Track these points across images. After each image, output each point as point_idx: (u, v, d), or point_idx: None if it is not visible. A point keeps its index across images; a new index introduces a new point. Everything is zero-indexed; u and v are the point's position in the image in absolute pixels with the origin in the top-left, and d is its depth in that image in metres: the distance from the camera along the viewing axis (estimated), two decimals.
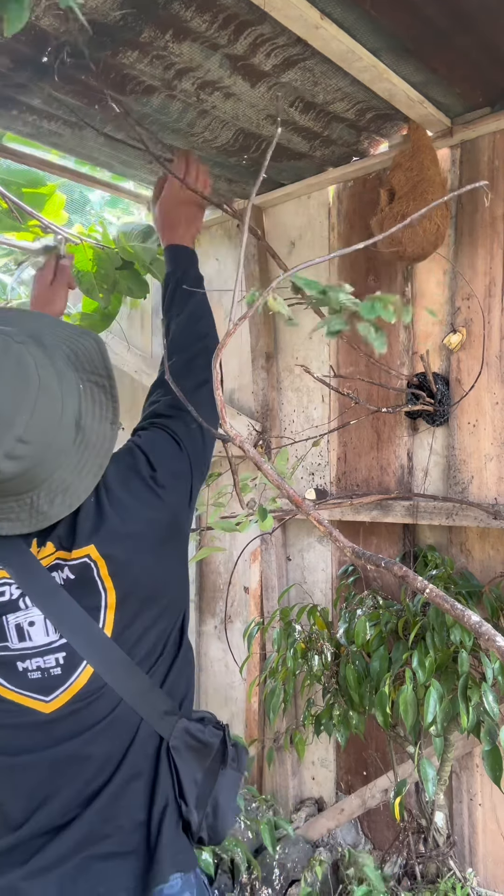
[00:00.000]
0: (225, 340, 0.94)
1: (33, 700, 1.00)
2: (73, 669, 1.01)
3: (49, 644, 1.00)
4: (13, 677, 1.00)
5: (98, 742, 1.03)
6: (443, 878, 2.01)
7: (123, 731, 1.05)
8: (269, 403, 2.52)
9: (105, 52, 1.56)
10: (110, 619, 1.01)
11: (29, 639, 1.00)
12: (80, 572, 1.00)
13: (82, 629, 1.00)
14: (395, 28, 1.50)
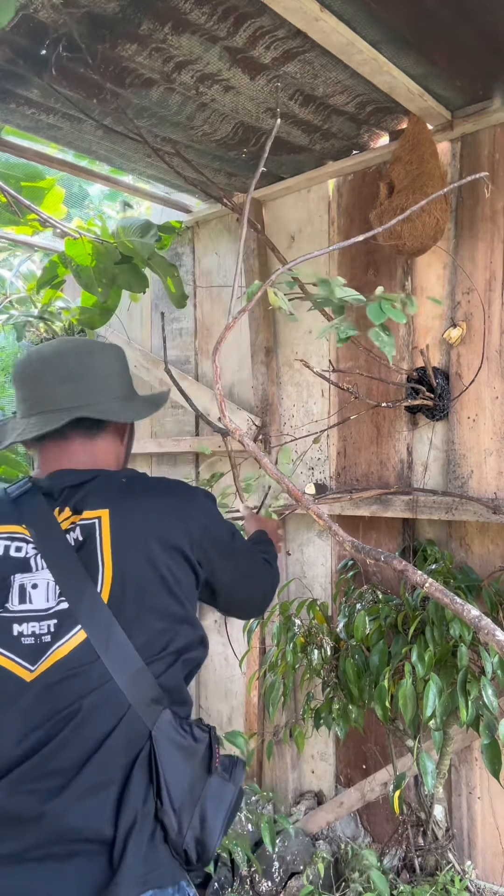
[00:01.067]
0: (224, 334, 0.93)
1: (19, 666, 1.00)
2: (64, 634, 1.01)
3: (47, 609, 1.02)
4: (6, 641, 1.01)
5: (77, 722, 0.99)
6: (442, 870, 2.02)
7: (107, 715, 1.01)
8: (268, 398, 2.52)
9: (104, 44, 1.55)
10: (107, 587, 1.04)
11: (29, 601, 1.03)
12: (87, 533, 1.06)
13: (83, 591, 1.03)
14: (395, 20, 1.50)
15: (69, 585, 1.03)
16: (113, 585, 1.04)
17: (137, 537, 1.08)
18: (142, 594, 1.06)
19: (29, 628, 1.02)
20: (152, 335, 3.06)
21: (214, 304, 2.77)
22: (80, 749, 0.98)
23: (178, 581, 1.10)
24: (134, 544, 1.07)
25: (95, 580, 1.04)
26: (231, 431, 0.89)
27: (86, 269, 1.84)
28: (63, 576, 1.04)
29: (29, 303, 2.99)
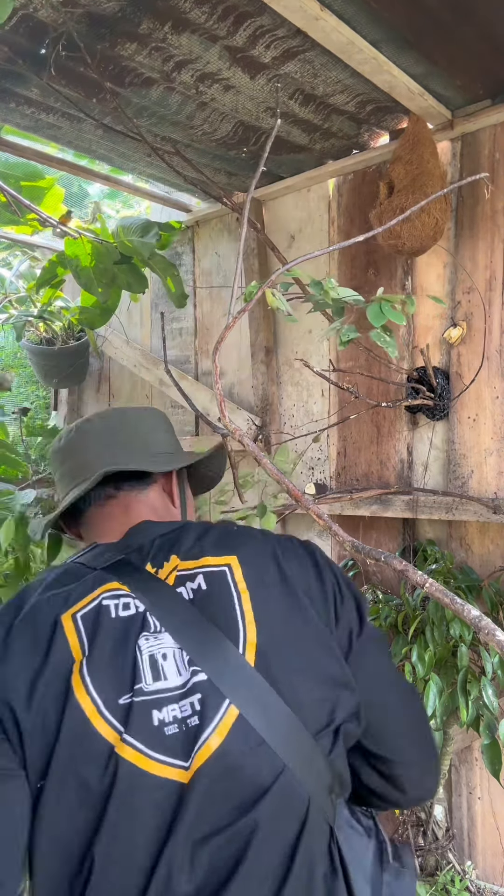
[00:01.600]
0: (224, 334, 0.93)
1: (171, 768, 0.74)
2: (213, 714, 0.76)
3: (184, 685, 0.78)
4: (150, 736, 0.74)
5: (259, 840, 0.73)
6: (442, 870, 2.02)
7: (290, 820, 0.75)
8: (268, 398, 2.52)
9: (103, 43, 1.55)
10: (251, 647, 0.80)
11: (164, 677, 0.78)
12: (214, 583, 0.85)
13: (222, 655, 0.79)
14: (395, 19, 1.49)
15: (200, 647, 0.80)
16: (259, 645, 0.80)
17: (279, 586, 0.87)
18: (295, 654, 0.83)
19: (170, 714, 0.76)
20: (152, 335, 3.06)
21: (214, 303, 2.77)
22: (270, 877, 0.73)
23: (333, 635, 0.87)
24: (278, 594, 0.86)
25: (235, 640, 0.80)
26: (231, 431, 0.89)
27: (85, 269, 1.83)
28: (189, 636, 0.80)
29: (29, 302, 2.99)
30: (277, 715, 0.78)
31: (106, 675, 0.77)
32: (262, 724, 0.77)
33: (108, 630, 0.80)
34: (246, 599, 0.84)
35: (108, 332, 3.12)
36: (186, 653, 0.79)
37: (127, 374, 3.16)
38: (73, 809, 0.73)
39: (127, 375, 3.17)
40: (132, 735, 0.74)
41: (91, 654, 0.78)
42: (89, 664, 0.77)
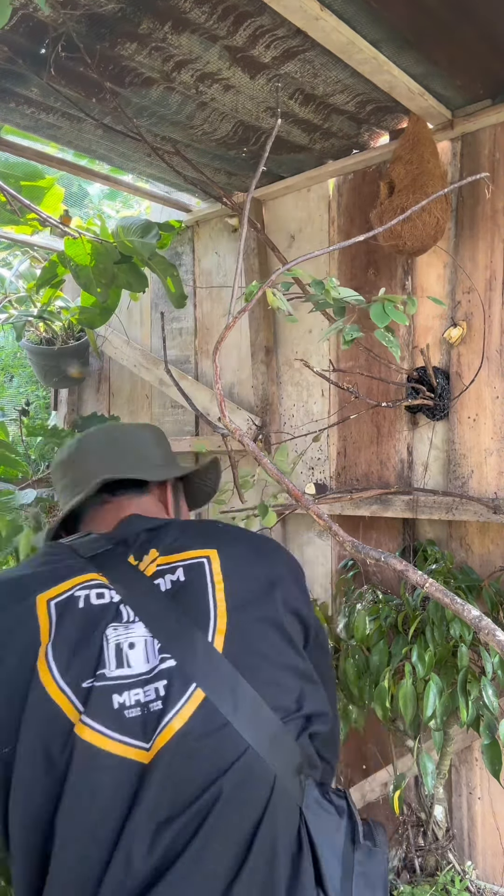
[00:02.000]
0: (224, 334, 0.93)
1: (130, 748, 0.78)
2: (178, 698, 0.80)
3: (150, 671, 0.82)
4: (110, 718, 0.79)
5: (219, 810, 0.76)
6: (442, 870, 2.02)
7: (254, 795, 0.79)
8: (268, 398, 2.52)
9: (103, 43, 1.55)
10: (220, 634, 0.86)
11: (127, 665, 0.82)
12: (191, 574, 0.90)
13: (191, 641, 0.84)
14: (395, 19, 1.49)
15: (171, 636, 0.84)
16: (228, 633, 0.86)
17: (255, 580, 0.93)
18: (263, 643, 0.88)
19: (132, 697, 0.80)
20: (152, 335, 3.06)
21: (214, 303, 2.77)
22: (230, 854, 0.76)
23: (297, 635, 0.95)
24: (251, 587, 0.92)
25: (205, 628, 0.85)
26: (231, 431, 0.89)
27: (85, 268, 1.84)
28: (161, 626, 0.85)
29: (28, 302, 2.99)
30: (243, 698, 0.82)
31: (70, 661, 0.81)
32: (228, 706, 0.81)
33: (75, 618, 0.85)
34: (220, 590, 0.89)
35: (108, 332, 3.12)
36: (158, 641, 0.84)
37: (127, 373, 3.16)
38: (40, 780, 0.77)
39: (127, 375, 3.17)
40: (91, 716, 0.78)
41: (56, 639, 0.82)
42: (54, 649, 0.82)
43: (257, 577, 0.94)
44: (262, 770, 0.80)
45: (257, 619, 0.90)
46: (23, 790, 0.77)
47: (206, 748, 0.79)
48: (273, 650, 0.89)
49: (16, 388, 4.60)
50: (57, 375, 3.09)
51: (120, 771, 0.77)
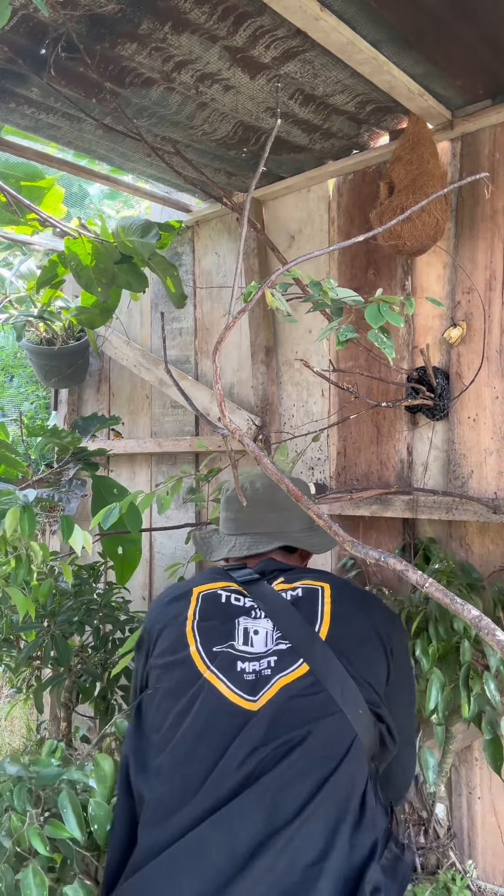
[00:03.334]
0: (224, 334, 0.93)
1: (242, 699, 1.10)
2: (286, 667, 1.12)
3: (266, 651, 1.16)
4: (231, 675, 1.13)
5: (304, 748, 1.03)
6: (443, 869, 2.02)
7: (335, 745, 1.06)
8: (268, 398, 2.52)
9: (103, 43, 1.55)
10: (325, 628, 1.18)
11: (251, 644, 1.17)
12: (308, 593, 1.25)
13: (303, 631, 1.17)
14: (395, 19, 1.49)
15: (289, 627, 1.17)
16: (331, 629, 1.17)
17: (354, 608, 1.25)
18: (353, 650, 1.17)
19: (250, 667, 1.14)
20: (152, 335, 3.06)
21: (214, 303, 2.77)
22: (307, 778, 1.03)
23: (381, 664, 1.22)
24: (352, 612, 1.23)
25: (313, 623, 1.19)
26: (231, 431, 0.89)
27: (85, 268, 1.84)
28: (283, 621, 1.18)
29: (28, 302, 2.99)
30: (338, 675, 1.11)
31: (208, 633, 1.20)
32: (325, 677, 1.10)
33: (215, 606, 1.25)
34: (328, 604, 1.22)
35: (108, 332, 3.13)
36: (277, 630, 1.17)
37: (127, 374, 3.16)
38: (176, 690, 1.15)
39: (127, 375, 3.17)
40: (217, 669, 1.14)
41: (199, 618, 1.23)
42: (198, 624, 1.22)
43: (357, 607, 1.25)
44: (346, 730, 1.07)
45: (352, 630, 1.20)
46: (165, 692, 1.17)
47: (303, 703, 1.08)
48: (362, 655, 1.17)
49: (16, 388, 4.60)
50: (57, 375, 3.09)
51: (232, 714, 1.08)
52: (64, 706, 2.28)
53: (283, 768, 1.02)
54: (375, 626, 1.24)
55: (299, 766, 1.03)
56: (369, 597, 1.36)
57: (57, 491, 2.47)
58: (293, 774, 1.02)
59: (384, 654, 1.22)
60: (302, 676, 1.11)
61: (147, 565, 3.03)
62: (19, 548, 1.73)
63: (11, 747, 3.28)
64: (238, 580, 1.31)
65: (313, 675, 1.11)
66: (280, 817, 0.99)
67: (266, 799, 1.00)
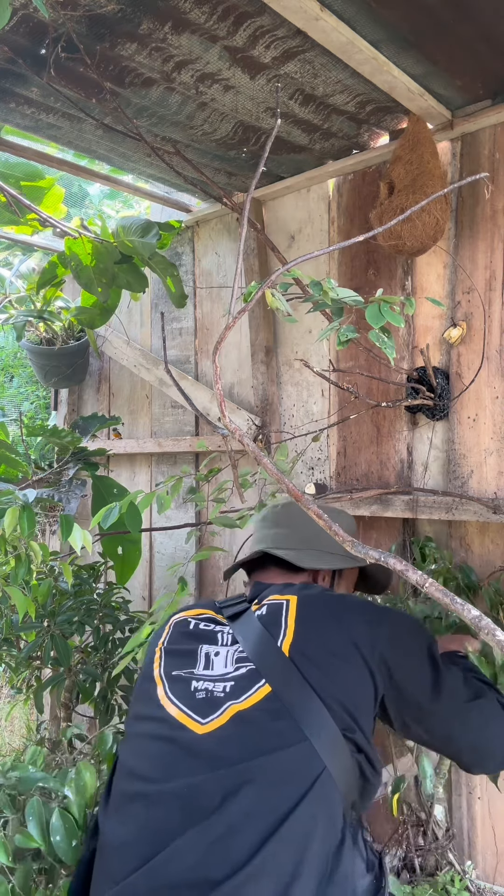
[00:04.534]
0: (224, 334, 0.93)
1: (191, 720, 1.03)
2: (243, 692, 1.04)
3: (224, 674, 1.10)
4: (183, 695, 1.08)
5: (258, 781, 0.91)
6: (442, 870, 2.02)
7: (295, 778, 0.93)
8: (268, 398, 2.52)
9: (103, 43, 1.55)
10: (287, 641, 1.09)
11: (211, 668, 1.12)
12: (273, 608, 1.18)
13: (265, 646, 1.09)
14: (395, 19, 1.49)
15: (253, 645, 1.11)
16: (294, 643, 1.08)
17: (323, 618, 1.14)
18: (326, 662, 1.06)
19: (202, 686, 1.08)
20: (152, 335, 3.06)
21: (214, 303, 2.77)
22: (256, 820, 0.90)
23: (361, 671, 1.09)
24: (320, 623, 1.13)
25: (276, 638, 1.10)
26: (231, 431, 0.89)
27: (85, 268, 1.84)
28: (248, 641, 1.13)
29: (28, 302, 2.99)
30: (302, 696, 1.00)
31: (170, 658, 1.17)
32: (289, 700, 1.00)
33: (183, 632, 1.22)
34: (291, 615, 1.14)
35: (108, 332, 3.13)
36: (241, 652, 1.11)
37: (127, 374, 3.16)
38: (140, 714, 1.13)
39: (127, 375, 3.17)
40: (171, 692, 1.10)
41: (167, 643, 1.21)
42: (165, 649, 1.20)
43: (324, 615, 1.16)
44: (311, 763, 0.95)
45: (322, 641, 1.09)
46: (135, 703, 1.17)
47: (256, 731, 0.98)
48: (333, 671, 1.05)
49: (16, 388, 4.60)
50: (57, 375, 3.09)
51: (177, 738, 1.01)
52: (64, 706, 2.28)
53: (232, 808, 0.90)
54: (352, 637, 1.09)
55: (248, 805, 0.90)
56: (345, 602, 1.19)
57: (57, 491, 2.47)
58: (240, 818, 0.89)
59: (365, 667, 1.07)
60: (261, 701, 1.01)
61: (147, 565, 3.03)
62: (19, 547, 1.73)
63: (11, 747, 3.28)
64: (219, 606, 1.28)
65: (277, 698, 1.00)
66: (221, 869, 0.85)
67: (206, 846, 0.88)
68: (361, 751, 1.01)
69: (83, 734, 2.31)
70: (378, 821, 2.30)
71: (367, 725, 1.05)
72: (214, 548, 1.79)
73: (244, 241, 0.98)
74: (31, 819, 1.12)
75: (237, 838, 0.87)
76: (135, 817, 0.96)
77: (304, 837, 0.88)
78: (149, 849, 0.90)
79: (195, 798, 0.92)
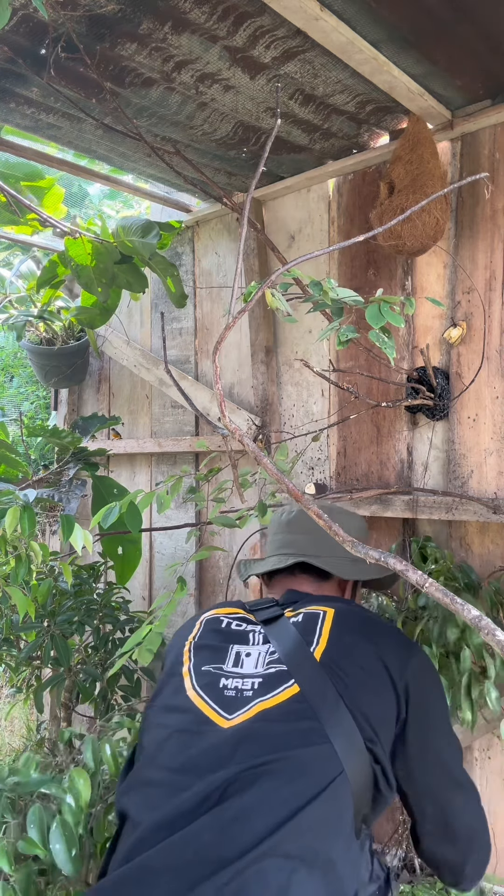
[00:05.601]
0: (224, 334, 0.93)
1: (218, 715, 1.05)
2: (271, 690, 1.06)
3: (254, 673, 1.12)
4: (211, 690, 1.10)
5: (276, 774, 0.94)
6: None
7: (315, 773, 0.95)
8: (268, 398, 2.52)
9: (103, 43, 1.55)
10: (321, 648, 1.12)
11: (241, 666, 1.14)
12: (310, 616, 1.20)
13: (297, 650, 1.11)
14: (395, 19, 1.49)
15: (285, 647, 1.12)
16: (327, 650, 1.11)
17: (358, 633, 1.17)
18: (355, 672, 1.09)
19: (233, 684, 1.10)
20: (152, 335, 3.06)
21: (214, 303, 2.77)
22: (270, 810, 0.92)
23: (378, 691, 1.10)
24: (354, 636, 1.16)
25: (310, 644, 1.13)
26: (231, 431, 0.89)
27: (85, 268, 1.84)
28: (280, 643, 1.14)
29: (28, 302, 2.99)
30: (330, 700, 1.02)
31: (200, 654, 1.19)
32: (316, 702, 1.02)
33: (214, 630, 1.24)
34: (327, 625, 1.16)
35: (108, 332, 3.13)
36: (272, 654, 1.13)
37: (127, 374, 3.16)
38: (167, 706, 1.14)
39: (127, 375, 3.17)
40: (200, 686, 1.12)
41: (197, 640, 1.23)
42: (194, 645, 1.22)
43: (359, 632, 1.17)
44: (330, 764, 0.97)
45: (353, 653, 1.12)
46: (164, 697, 1.17)
47: (281, 729, 1.00)
48: (360, 682, 1.08)
49: (16, 388, 4.60)
50: (57, 375, 3.09)
51: (205, 731, 1.03)
52: (64, 706, 2.28)
53: (248, 796, 0.93)
54: (381, 656, 1.12)
55: (263, 795, 0.93)
56: (380, 625, 1.23)
57: (57, 491, 2.47)
58: (255, 804, 0.93)
59: (392, 688, 1.10)
60: (288, 700, 1.04)
61: (147, 565, 3.03)
62: (19, 547, 1.73)
63: (11, 747, 3.28)
64: (249, 608, 1.29)
65: (304, 699, 1.03)
66: (232, 849, 0.89)
67: (221, 827, 0.91)
68: (379, 762, 1.04)
69: (83, 734, 2.31)
70: (378, 821, 2.30)
71: (387, 741, 1.07)
72: (214, 547, 1.79)
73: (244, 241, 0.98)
74: (33, 826, 1.11)
75: (250, 823, 0.91)
76: (156, 804, 0.99)
77: (313, 833, 0.91)
78: (166, 832, 0.94)
79: (215, 788, 0.95)
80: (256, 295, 1.00)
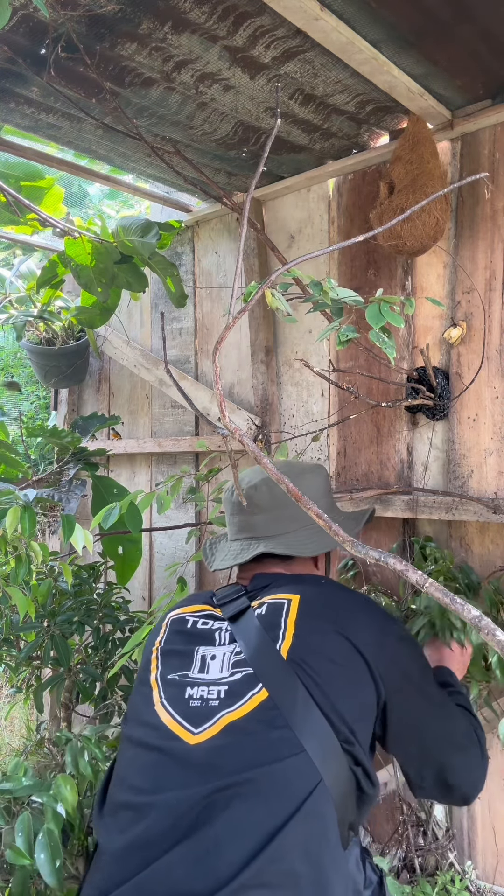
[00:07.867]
0: (224, 334, 0.93)
1: (182, 729, 0.99)
2: (238, 699, 1.00)
3: (219, 679, 1.05)
4: (176, 703, 1.04)
5: (248, 796, 0.88)
6: (442, 870, 2.02)
7: (291, 788, 0.89)
8: (268, 398, 2.52)
9: (103, 43, 1.55)
10: (287, 644, 1.05)
11: (207, 671, 1.07)
12: (274, 607, 1.13)
13: (262, 650, 1.05)
14: (395, 19, 1.49)
15: (251, 648, 1.06)
16: (293, 646, 1.04)
17: (325, 619, 1.09)
18: (325, 667, 1.02)
19: (198, 692, 1.03)
20: (152, 335, 3.06)
21: (214, 303, 2.77)
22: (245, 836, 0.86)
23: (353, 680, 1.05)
24: (322, 624, 1.09)
25: (276, 640, 1.06)
26: (231, 431, 0.89)
27: (85, 268, 1.84)
28: (247, 643, 1.08)
29: (28, 302, 2.99)
30: (301, 703, 0.96)
31: (166, 660, 1.13)
32: (287, 707, 0.96)
33: (180, 632, 1.17)
34: (291, 619, 1.09)
35: (108, 332, 3.13)
36: (238, 654, 1.07)
37: (127, 374, 3.16)
38: (135, 719, 1.09)
39: (127, 375, 3.17)
40: (166, 698, 1.06)
41: (164, 644, 1.16)
42: (161, 649, 1.16)
43: (326, 616, 1.11)
44: (307, 775, 0.91)
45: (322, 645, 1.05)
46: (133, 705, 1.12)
47: (251, 742, 0.94)
48: (333, 677, 1.02)
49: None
50: (57, 375, 3.09)
51: (170, 748, 0.98)
52: (64, 706, 2.28)
53: (220, 823, 0.87)
54: (354, 641, 1.05)
55: (236, 821, 0.87)
56: (349, 603, 1.15)
57: (57, 491, 2.47)
58: (227, 832, 0.86)
59: (368, 673, 1.04)
60: (256, 709, 0.96)
61: (147, 565, 3.03)
62: (19, 547, 1.73)
63: (11, 747, 3.28)
64: (217, 601, 1.22)
65: (273, 705, 0.96)
66: (206, 885, 0.83)
67: (193, 861, 0.85)
68: (359, 763, 0.99)
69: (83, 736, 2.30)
70: (378, 821, 2.30)
71: (366, 737, 1.02)
72: None
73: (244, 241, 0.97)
74: (20, 835, 1.09)
75: (224, 854, 0.84)
76: (125, 828, 0.93)
77: (295, 855, 0.85)
78: (138, 861, 0.88)
79: (184, 811, 0.89)
80: (256, 295, 1.00)
